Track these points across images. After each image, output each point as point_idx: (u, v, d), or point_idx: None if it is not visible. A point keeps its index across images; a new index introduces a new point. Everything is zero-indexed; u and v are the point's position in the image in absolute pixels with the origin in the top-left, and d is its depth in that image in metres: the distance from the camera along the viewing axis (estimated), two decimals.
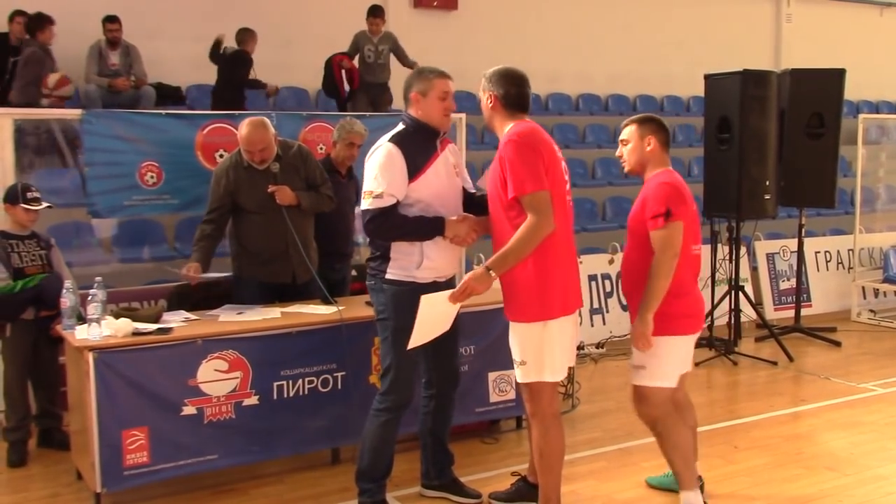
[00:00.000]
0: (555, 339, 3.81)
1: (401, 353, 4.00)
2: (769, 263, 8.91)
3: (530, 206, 3.68)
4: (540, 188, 3.68)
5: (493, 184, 3.83)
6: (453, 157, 4.16)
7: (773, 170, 7.30)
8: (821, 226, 10.20)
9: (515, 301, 3.83)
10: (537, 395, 3.89)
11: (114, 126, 5.65)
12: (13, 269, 4.87)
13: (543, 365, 3.82)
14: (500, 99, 3.90)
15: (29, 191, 4.98)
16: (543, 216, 3.67)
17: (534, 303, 3.78)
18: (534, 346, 3.81)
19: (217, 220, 5.19)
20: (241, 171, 5.15)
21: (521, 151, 3.71)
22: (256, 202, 5.12)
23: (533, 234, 3.67)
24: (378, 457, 4.17)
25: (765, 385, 6.71)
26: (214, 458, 4.52)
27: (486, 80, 3.95)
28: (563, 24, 11.13)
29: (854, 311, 8.93)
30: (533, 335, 3.81)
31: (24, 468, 4.93)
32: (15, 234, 4.99)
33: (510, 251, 3.71)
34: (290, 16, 9.57)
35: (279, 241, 5.13)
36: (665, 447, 4.17)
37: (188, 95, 8.98)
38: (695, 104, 11.88)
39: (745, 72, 7.14)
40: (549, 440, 3.91)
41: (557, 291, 3.80)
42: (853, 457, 5.09)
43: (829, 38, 12.59)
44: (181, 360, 4.40)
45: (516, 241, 3.69)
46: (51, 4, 8.40)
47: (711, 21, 12.15)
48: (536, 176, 3.68)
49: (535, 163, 3.69)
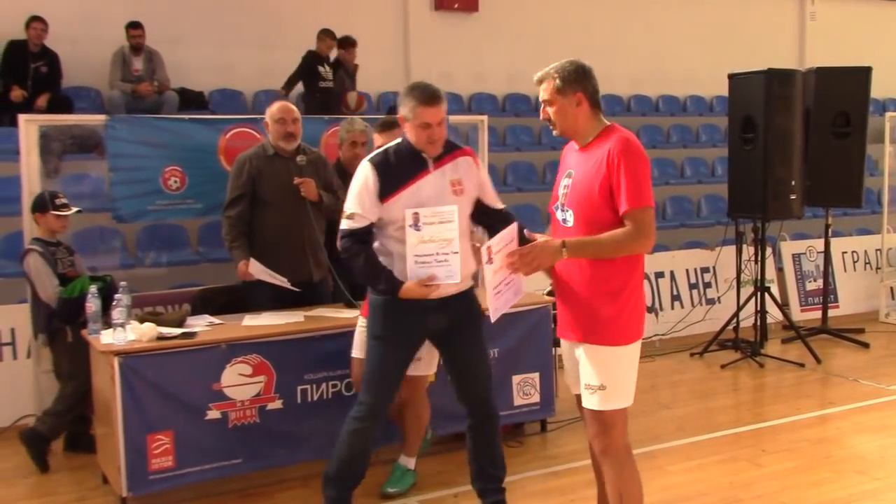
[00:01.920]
0: (636, 360, 3.53)
1: (376, 361, 3.95)
2: (795, 264, 8.82)
3: (637, 219, 3.30)
4: (651, 204, 3.36)
5: (587, 190, 3.37)
6: (456, 174, 3.93)
7: (799, 169, 7.22)
8: (848, 226, 10.09)
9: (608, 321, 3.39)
10: (611, 426, 3.46)
11: (137, 131, 5.69)
12: (57, 275, 4.92)
13: (626, 389, 3.46)
14: (589, 97, 3.44)
15: (57, 197, 5.03)
16: (647, 235, 3.34)
17: (630, 323, 3.43)
18: (620, 369, 3.44)
19: (242, 213, 5.14)
20: (264, 161, 5.17)
21: (641, 162, 3.34)
22: (277, 193, 5.11)
23: (629, 244, 3.33)
24: (345, 465, 4.03)
25: (792, 387, 6.64)
26: (239, 462, 4.53)
27: (562, 79, 3.42)
28: (584, 25, 11.09)
29: (882, 311, 8.81)
30: (619, 358, 3.42)
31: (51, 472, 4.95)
32: (51, 241, 5.03)
33: (596, 243, 3.32)
34: (311, 20, 9.58)
35: (297, 236, 5.13)
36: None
37: (211, 100, 9.04)
38: (718, 104, 11.80)
39: (770, 71, 7.07)
40: (626, 479, 3.49)
41: (643, 310, 3.57)
42: (883, 460, 5.02)
43: (853, 36, 12.47)
44: (205, 364, 4.41)
45: (608, 239, 3.31)
46: (74, 11, 8.51)
47: (735, 20, 12.06)
48: (650, 191, 3.36)
49: (648, 177, 3.38)
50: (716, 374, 6.96)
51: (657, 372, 7.05)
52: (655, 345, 7.73)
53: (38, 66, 8.07)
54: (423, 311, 3.86)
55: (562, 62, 3.47)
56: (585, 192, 3.39)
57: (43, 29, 8.08)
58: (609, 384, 3.41)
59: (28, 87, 7.96)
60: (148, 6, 8.71)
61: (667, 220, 9.79)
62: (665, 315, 8.02)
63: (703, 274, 8.30)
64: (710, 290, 8.28)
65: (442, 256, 3.78)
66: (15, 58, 8.06)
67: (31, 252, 4.93)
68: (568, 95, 3.43)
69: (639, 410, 5.92)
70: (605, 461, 3.52)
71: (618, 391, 3.43)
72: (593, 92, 3.47)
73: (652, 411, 5.98)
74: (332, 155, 5.75)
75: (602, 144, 3.40)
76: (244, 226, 5.17)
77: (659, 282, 8.06)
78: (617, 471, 3.50)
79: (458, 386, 4.10)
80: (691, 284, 8.24)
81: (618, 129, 3.45)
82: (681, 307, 8.11)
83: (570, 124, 3.47)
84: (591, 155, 3.44)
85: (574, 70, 3.45)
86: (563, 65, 3.46)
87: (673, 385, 6.72)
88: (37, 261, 4.89)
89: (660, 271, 8.09)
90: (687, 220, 9.78)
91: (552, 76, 3.45)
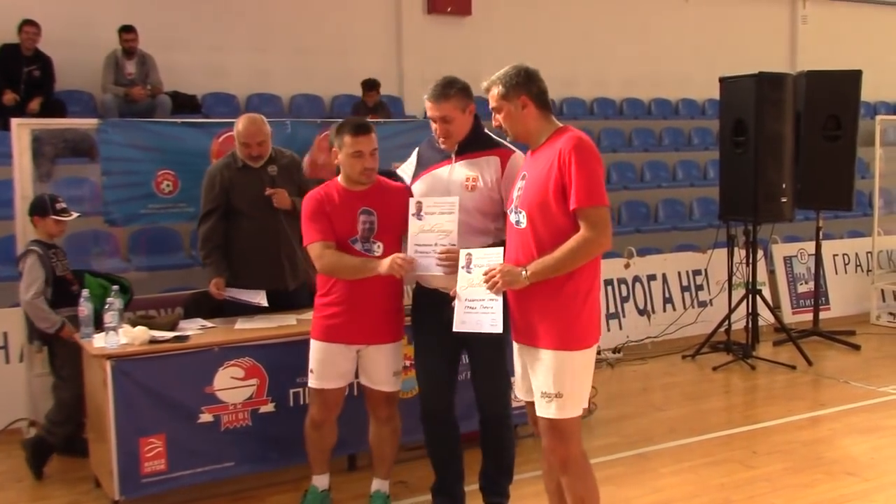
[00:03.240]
0: (592, 365, 3.53)
1: (415, 357, 4.17)
2: (787, 266, 8.85)
3: (590, 217, 3.31)
4: (605, 203, 3.36)
5: (540, 190, 3.40)
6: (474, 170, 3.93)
7: (790, 172, 7.26)
8: (838, 228, 10.13)
9: (565, 326, 3.38)
10: (569, 434, 3.43)
11: (130, 135, 5.68)
12: (55, 278, 4.90)
13: (582, 396, 3.46)
14: (534, 99, 3.50)
15: (57, 202, 5.00)
16: (603, 232, 3.33)
17: (587, 326, 3.42)
18: (576, 375, 3.40)
19: (216, 224, 5.13)
20: (235, 172, 5.14)
21: (593, 159, 3.36)
22: (250, 204, 5.08)
23: (588, 248, 3.33)
24: (436, 470, 4.25)
25: (783, 389, 6.66)
26: (231, 466, 4.53)
27: (505, 85, 3.48)
28: (577, 29, 11.12)
29: (873, 314, 8.85)
30: (576, 363, 3.39)
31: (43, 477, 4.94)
32: (50, 244, 5.01)
33: (557, 262, 3.32)
34: (304, 24, 9.61)
35: (272, 245, 5.10)
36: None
37: (204, 104, 9.03)
38: (710, 107, 11.84)
39: (761, 74, 7.10)
40: (589, 486, 3.48)
41: (600, 313, 3.59)
42: (874, 461, 5.04)
43: (844, 40, 12.52)
44: (198, 367, 4.42)
45: (568, 253, 3.31)
46: (67, 15, 8.51)
47: (726, 23, 12.11)
48: (603, 189, 3.37)
49: (601, 174, 3.39)
50: (708, 376, 6.98)
51: (649, 374, 7.07)
52: (647, 347, 7.75)
53: (31, 69, 8.06)
54: (443, 303, 3.80)
55: (506, 68, 3.54)
56: (538, 192, 3.41)
57: (35, 33, 8.07)
58: (566, 391, 3.38)
59: (21, 90, 7.95)
60: (141, 10, 8.71)
61: (659, 223, 9.82)
62: (657, 317, 8.03)
63: (694, 276, 8.32)
64: (701, 292, 8.30)
65: (440, 247, 3.80)
66: (7, 61, 8.04)
67: (31, 253, 4.90)
68: (513, 100, 3.49)
69: (631, 412, 5.97)
70: (567, 472, 3.47)
71: (574, 398, 3.41)
72: (539, 94, 3.52)
73: (644, 413, 5.99)
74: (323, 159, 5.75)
75: (553, 144, 3.44)
76: (219, 238, 5.15)
77: (651, 284, 8.08)
78: (580, 480, 3.47)
79: (473, 387, 4.16)
80: (683, 287, 8.26)
81: (570, 129, 3.49)
82: (673, 310, 8.13)
83: (521, 128, 3.53)
84: (542, 156, 3.48)
85: (516, 74, 3.51)
86: (506, 71, 3.52)
87: (665, 387, 6.73)
88: (33, 264, 4.86)
89: (652, 274, 8.11)
90: (679, 223, 9.80)
91: (496, 83, 3.51)
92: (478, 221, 3.91)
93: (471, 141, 3.98)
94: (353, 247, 4.00)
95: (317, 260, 4.01)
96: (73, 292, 4.88)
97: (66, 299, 4.90)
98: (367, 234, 4.00)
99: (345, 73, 9.74)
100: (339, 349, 4.08)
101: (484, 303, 3.52)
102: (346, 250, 3.99)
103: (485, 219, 3.93)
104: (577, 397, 3.43)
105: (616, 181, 10.20)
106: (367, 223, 4.01)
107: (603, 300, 7.60)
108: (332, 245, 3.98)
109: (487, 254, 3.56)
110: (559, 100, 10.95)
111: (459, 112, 3.91)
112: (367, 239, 4.00)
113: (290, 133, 5.90)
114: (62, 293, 4.93)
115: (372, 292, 3.99)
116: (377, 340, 4.10)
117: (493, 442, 4.19)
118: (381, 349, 4.12)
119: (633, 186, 10.12)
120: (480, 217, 3.92)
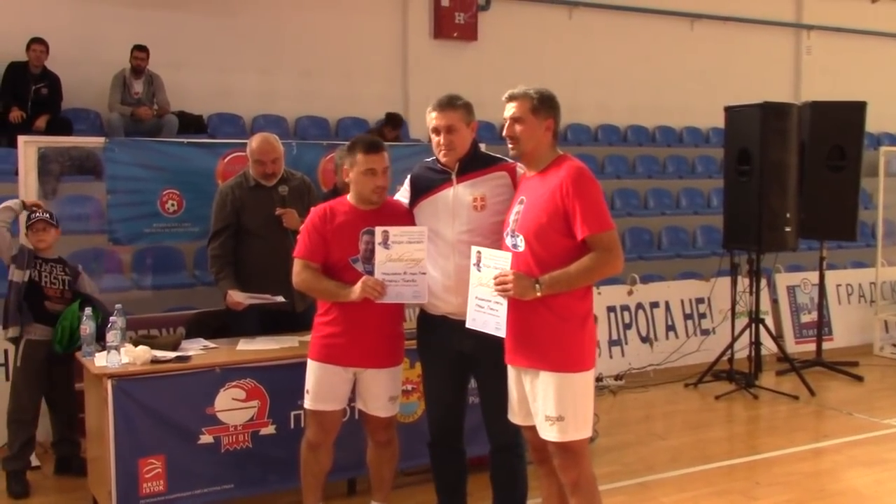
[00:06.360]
0: (592, 387, 3.54)
1: (423, 382, 4.15)
2: (790, 296, 8.84)
3: (603, 243, 3.36)
4: (613, 226, 3.42)
5: (538, 216, 3.44)
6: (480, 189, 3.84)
7: (794, 202, 7.27)
8: (842, 258, 10.11)
9: (567, 348, 3.42)
10: (579, 457, 3.44)
11: (136, 154, 5.71)
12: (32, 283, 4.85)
13: (586, 417, 3.46)
14: (555, 125, 3.57)
15: (34, 212, 4.97)
16: (617, 255, 3.39)
17: (586, 349, 3.46)
18: (577, 397, 3.42)
19: (227, 242, 5.14)
20: (246, 191, 5.16)
21: (593, 186, 3.41)
22: (260, 223, 5.10)
23: (601, 268, 3.38)
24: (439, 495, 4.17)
25: (786, 420, 6.63)
26: (231, 488, 4.50)
27: (539, 100, 3.50)
28: (582, 56, 11.16)
29: (877, 345, 8.82)
30: (577, 385, 3.42)
31: (40, 496, 4.91)
32: (43, 257, 4.97)
33: (572, 277, 3.35)
34: (311, 46, 9.64)
35: (281, 265, 5.09)
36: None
37: (210, 124, 9.06)
38: (714, 135, 11.86)
39: (766, 104, 7.13)
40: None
41: (595, 336, 3.61)
42: (877, 494, 5.01)
43: (848, 71, 12.56)
44: (199, 388, 4.39)
45: (584, 270, 3.35)
46: (75, 34, 8.54)
47: (731, 53, 12.15)
48: (607, 212, 3.44)
49: (603, 199, 3.46)
50: (710, 405, 6.94)
51: (651, 402, 7.04)
52: (650, 375, 7.72)
53: (39, 87, 8.10)
54: (451, 329, 3.82)
55: (536, 87, 3.56)
56: (536, 218, 3.45)
57: (43, 51, 8.12)
58: (568, 414, 3.39)
59: (28, 108, 7.98)
60: (149, 30, 8.76)
61: (662, 251, 9.81)
62: (660, 345, 8.01)
63: (697, 304, 8.31)
64: (704, 320, 8.28)
65: (409, 276, 3.83)
66: (15, 79, 8.09)
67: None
68: (540, 117, 3.53)
69: (633, 440, 5.93)
70: (577, 493, 3.48)
71: (578, 420, 3.42)
72: (558, 123, 3.60)
73: (646, 441, 5.96)
74: (329, 181, 5.76)
75: (556, 173, 3.49)
76: (229, 256, 5.16)
77: (654, 312, 8.07)
78: (588, 499, 3.47)
79: (483, 416, 4.04)
80: (686, 315, 8.25)
81: (570, 157, 3.56)
82: (675, 337, 8.11)
83: (533, 146, 3.54)
84: (543, 182, 3.51)
85: (551, 97, 3.57)
86: (540, 88, 3.56)
87: (667, 415, 6.70)
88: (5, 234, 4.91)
89: (655, 301, 8.10)
90: (682, 251, 9.79)
91: (531, 96, 3.54)
92: (492, 243, 3.85)
93: (471, 160, 3.92)
94: (353, 266, 3.97)
95: (295, 276, 4.04)
96: (46, 309, 4.87)
97: (38, 314, 4.87)
98: (369, 254, 3.96)
99: (350, 96, 9.79)
100: (335, 371, 4.05)
101: (491, 304, 3.53)
102: (347, 270, 3.97)
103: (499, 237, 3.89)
104: (581, 419, 3.44)
105: (620, 208, 10.21)
106: (370, 244, 3.97)
107: (605, 327, 7.62)
108: (313, 266, 4.00)
109: (496, 256, 3.55)
110: (564, 126, 10.93)
111: (464, 125, 3.88)
112: (368, 260, 3.96)
113: (295, 154, 5.93)
114: (36, 305, 4.88)
115: (371, 315, 3.95)
116: (375, 364, 4.06)
117: (505, 474, 4.06)
118: (379, 373, 4.08)
119: (636, 213, 10.12)
120: (495, 237, 3.86)
